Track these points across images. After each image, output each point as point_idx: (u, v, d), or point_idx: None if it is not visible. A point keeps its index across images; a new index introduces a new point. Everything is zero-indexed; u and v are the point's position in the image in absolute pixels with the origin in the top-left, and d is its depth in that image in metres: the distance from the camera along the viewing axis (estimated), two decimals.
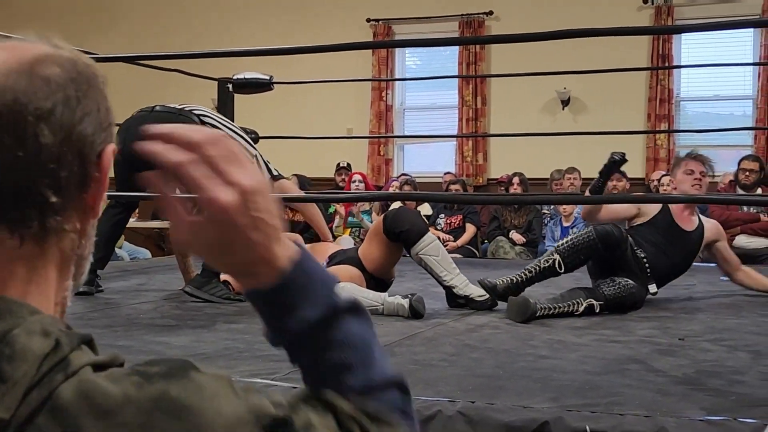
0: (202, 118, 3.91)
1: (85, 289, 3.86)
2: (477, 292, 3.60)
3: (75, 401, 0.61)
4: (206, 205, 0.69)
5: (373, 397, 0.76)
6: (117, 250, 7.14)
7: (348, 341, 0.76)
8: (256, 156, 4.04)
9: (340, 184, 8.17)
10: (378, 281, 3.73)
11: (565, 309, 3.42)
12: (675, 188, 4.02)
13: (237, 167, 0.70)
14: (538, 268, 3.64)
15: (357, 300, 0.79)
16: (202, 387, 0.64)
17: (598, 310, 3.45)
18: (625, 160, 3.78)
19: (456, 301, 3.62)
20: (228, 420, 0.64)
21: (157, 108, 3.94)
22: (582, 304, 3.44)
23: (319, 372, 0.76)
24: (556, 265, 3.60)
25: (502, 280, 3.60)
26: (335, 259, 3.81)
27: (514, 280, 3.60)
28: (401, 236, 3.59)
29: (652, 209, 3.92)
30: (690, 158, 4.03)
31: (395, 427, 0.75)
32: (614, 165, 3.75)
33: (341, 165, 8.48)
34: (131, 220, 8.27)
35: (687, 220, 3.95)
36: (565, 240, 3.71)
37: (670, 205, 3.91)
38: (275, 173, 4.08)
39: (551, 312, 3.39)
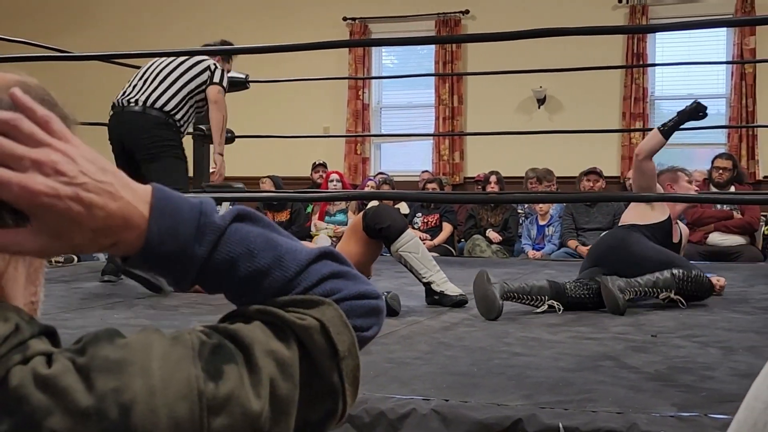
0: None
1: (109, 278, 4.45)
2: (452, 290, 3.61)
3: (22, 379, 0.62)
4: (17, 200, 0.65)
5: (299, 285, 0.76)
6: None
7: (249, 249, 0.74)
8: (209, 66, 4.44)
9: (318, 180, 8.16)
10: None
11: (528, 302, 3.48)
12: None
13: (37, 141, 0.66)
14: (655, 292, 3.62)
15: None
16: (128, 343, 0.65)
17: (559, 313, 3.48)
18: (706, 114, 3.84)
19: (432, 297, 3.64)
20: (163, 359, 0.65)
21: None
22: (545, 303, 3.49)
23: (238, 289, 0.76)
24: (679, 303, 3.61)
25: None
26: None
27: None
28: (382, 233, 3.59)
29: (665, 212, 3.98)
30: (684, 173, 4.19)
31: (323, 305, 0.75)
32: (696, 109, 3.80)
33: (317, 163, 8.47)
34: None
35: (676, 231, 4.04)
36: (683, 277, 3.63)
37: (671, 215, 3.97)
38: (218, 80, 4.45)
39: (515, 298, 3.46)
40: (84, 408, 0.61)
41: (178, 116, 4.35)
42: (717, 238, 6.62)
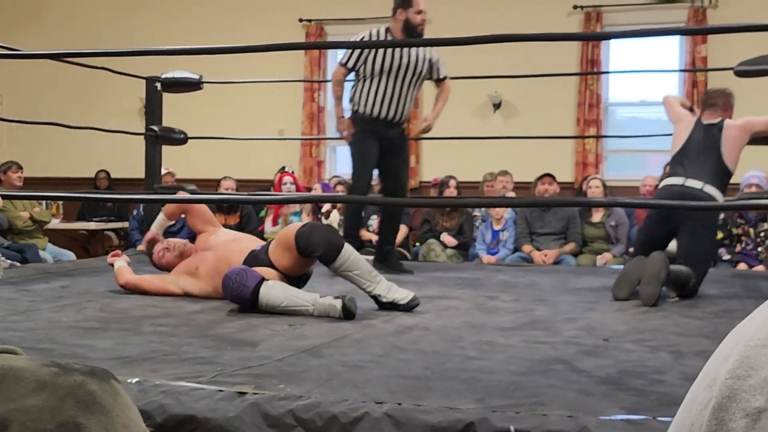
0: None
1: None
2: (401, 295, 3.60)
3: None
4: None
5: None
6: (40, 252, 6.97)
7: None
8: None
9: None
10: (294, 279, 3.69)
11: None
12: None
13: None
14: None
15: None
16: (119, 394, 0.63)
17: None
18: None
19: (384, 307, 3.62)
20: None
21: None
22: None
23: None
24: None
25: None
26: (248, 263, 3.71)
27: None
28: (319, 259, 3.58)
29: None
30: None
31: None
32: None
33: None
34: (56, 221, 8.10)
35: None
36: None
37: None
38: None
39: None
40: None
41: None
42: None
